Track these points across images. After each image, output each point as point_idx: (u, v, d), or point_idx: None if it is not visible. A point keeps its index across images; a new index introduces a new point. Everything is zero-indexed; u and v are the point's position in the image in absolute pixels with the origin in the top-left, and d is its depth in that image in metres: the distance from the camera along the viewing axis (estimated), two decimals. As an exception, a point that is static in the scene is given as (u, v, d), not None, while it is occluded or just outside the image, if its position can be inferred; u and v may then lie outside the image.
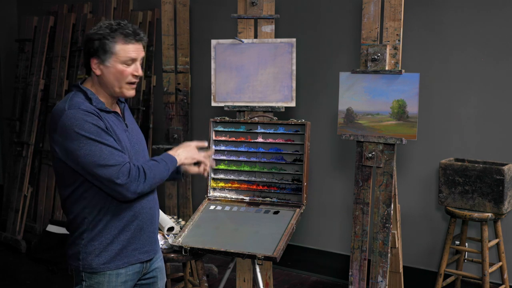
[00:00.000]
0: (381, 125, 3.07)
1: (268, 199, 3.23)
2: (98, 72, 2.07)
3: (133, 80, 2.08)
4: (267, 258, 2.79)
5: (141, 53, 2.10)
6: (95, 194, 2.04)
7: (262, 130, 3.29)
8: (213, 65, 3.53)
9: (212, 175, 3.35)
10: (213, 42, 3.53)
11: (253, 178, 3.29)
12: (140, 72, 2.09)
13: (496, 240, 3.43)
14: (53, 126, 2.02)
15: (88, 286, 2.09)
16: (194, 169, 2.29)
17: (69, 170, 2.03)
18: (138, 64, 2.09)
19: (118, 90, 2.08)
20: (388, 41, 3.06)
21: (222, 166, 3.34)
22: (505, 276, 3.47)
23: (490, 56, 3.61)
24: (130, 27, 2.07)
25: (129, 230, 2.10)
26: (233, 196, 3.30)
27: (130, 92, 2.10)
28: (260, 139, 3.29)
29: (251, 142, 3.30)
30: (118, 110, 2.17)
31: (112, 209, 2.07)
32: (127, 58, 2.04)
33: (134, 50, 2.06)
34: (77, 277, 2.11)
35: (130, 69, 2.06)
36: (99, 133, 1.98)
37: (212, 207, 3.25)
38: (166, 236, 3.01)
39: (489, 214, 3.27)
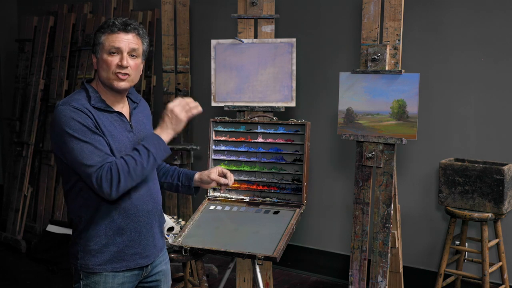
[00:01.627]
0: (381, 125, 3.07)
1: (268, 199, 3.23)
2: (95, 65, 2.10)
3: (119, 70, 2.04)
4: (267, 258, 2.79)
5: (131, 44, 2.05)
6: (91, 193, 2.04)
7: (262, 130, 3.29)
8: (213, 65, 3.53)
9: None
10: (213, 42, 3.53)
11: (253, 178, 3.29)
12: (124, 63, 2.03)
13: (496, 240, 3.43)
14: (51, 121, 2.08)
15: (85, 285, 2.10)
16: (210, 186, 2.36)
17: (66, 166, 2.05)
18: (124, 55, 2.04)
19: (108, 82, 2.07)
20: (388, 41, 3.07)
21: (222, 166, 3.34)
22: (505, 276, 3.47)
23: (490, 56, 3.61)
24: (121, 19, 2.06)
25: (125, 232, 2.08)
26: (233, 196, 3.30)
27: (119, 84, 2.06)
28: (260, 139, 3.29)
29: (251, 142, 3.30)
30: (125, 110, 2.15)
31: (104, 210, 2.06)
32: (110, 47, 2.03)
33: (118, 40, 2.03)
34: (76, 275, 2.12)
35: (115, 60, 2.04)
36: (84, 131, 1.97)
37: (212, 207, 3.25)
38: (166, 236, 3.01)
39: (489, 214, 3.27)
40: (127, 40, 2.05)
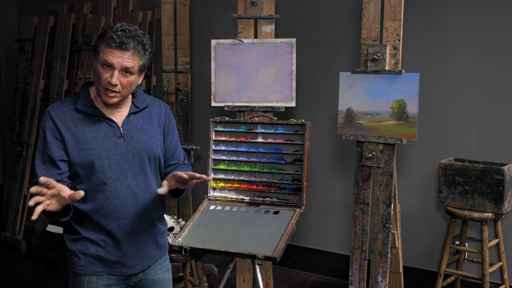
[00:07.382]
0: (381, 125, 3.07)
1: (268, 199, 3.23)
2: (94, 68, 2.08)
3: (107, 87, 1.99)
4: (267, 258, 2.79)
5: (125, 63, 1.97)
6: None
7: (262, 130, 3.29)
8: (213, 65, 3.53)
9: (212, 175, 3.35)
10: (213, 42, 3.53)
11: (253, 178, 3.29)
12: (113, 81, 1.97)
13: (496, 240, 3.43)
14: None
15: (73, 282, 2.13)
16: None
17: None
18: (115, 73, 1.97)
19: (99, 93, 2.04)
20: (388, 41, 3.07)
21: (222, 166, 3.34)
22: (505, 276, 3.47)
23: (490, 56, 3.61)
24: (121, 33, 1.98)
25: (105, 240, 2.07)
26: (233, 196, 3.30)
27: (107, 99, 2.02)
28: (260, 139, 3.29)
29: (251, 142, 3.30)
30: (120, 114, 2.10)
31: (85, 214, 2.06)
32: (103, 60, 1.98)
33: (112, 55, 1.96)
34: (69, 273, 2.17)
35: (106, 75, 1.98)
36: (41, 140, 2.05)
37: (212, 207, 3.25)
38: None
39: (489, 214, 3.27)
40: (121, 59, 1.97)
